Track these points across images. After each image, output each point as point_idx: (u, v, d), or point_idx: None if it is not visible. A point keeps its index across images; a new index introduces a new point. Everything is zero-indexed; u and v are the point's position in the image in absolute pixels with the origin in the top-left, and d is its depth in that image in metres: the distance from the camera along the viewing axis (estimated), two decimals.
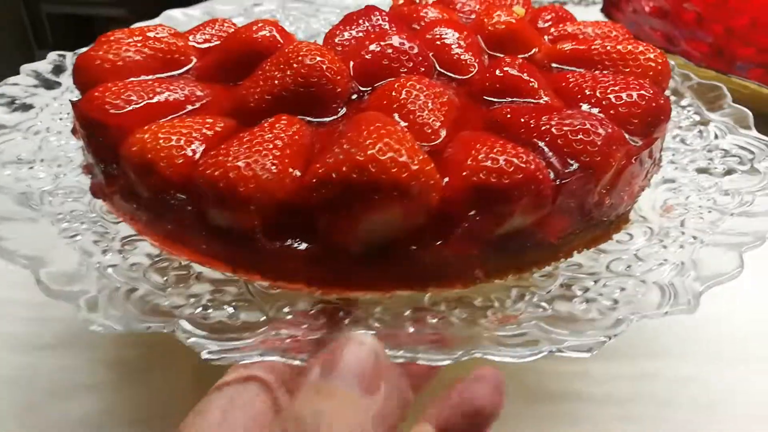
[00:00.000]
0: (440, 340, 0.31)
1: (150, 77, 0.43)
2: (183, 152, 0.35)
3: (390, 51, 0.42)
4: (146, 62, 0.44)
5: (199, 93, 0.41)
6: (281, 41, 0.44)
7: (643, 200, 0.43)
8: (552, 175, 0.34)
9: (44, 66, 0.54)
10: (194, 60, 0.46)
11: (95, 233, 0.38)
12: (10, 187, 0.41)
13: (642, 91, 0.40)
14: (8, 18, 2.01)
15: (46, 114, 0.49)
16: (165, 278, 0.35)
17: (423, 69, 0.42)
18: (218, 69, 0.44)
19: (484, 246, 0.34)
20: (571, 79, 0.42)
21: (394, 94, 0.38)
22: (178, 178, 0.34)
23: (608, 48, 0.45)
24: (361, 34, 0.47)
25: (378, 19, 0.48)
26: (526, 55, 0.48)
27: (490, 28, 0.48)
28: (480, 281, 0.35)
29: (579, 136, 0.35)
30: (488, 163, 0.33)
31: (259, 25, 0.45)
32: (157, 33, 0.47)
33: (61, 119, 0.49)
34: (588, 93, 0.41)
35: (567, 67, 0.46)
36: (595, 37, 0.50)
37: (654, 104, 0.39)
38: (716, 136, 0.50)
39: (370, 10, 0.49)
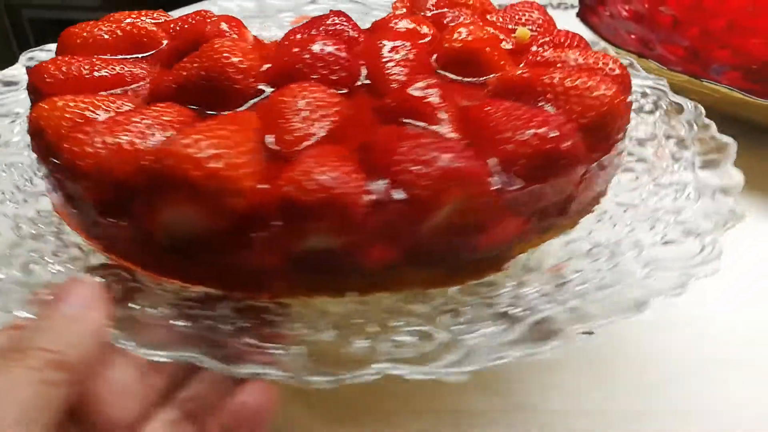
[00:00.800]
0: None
1: (114, 57, 0.48)
2: (71, 124, 0.38)
3: (307, 56, 0.42)
4: (114, 42, 0.48)
5: (140, 75, 0.45)
6: (228, 34, 0.46)
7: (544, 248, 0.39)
8: (371, 201, 0.32)
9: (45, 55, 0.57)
10: (164, 45, 0.50)
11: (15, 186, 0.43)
12: None
13: (542, 130, 0.36)
14: None
15: None
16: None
17: (337, 77, 0.42)
18: (170, 55, 0.47)
19: (286, 259, 0.33)
20: (486, 109, 0.39)
21: (279, 97, 0.38)
22: (55, 149, 0.37)
23: (555, 80, 0.41)
24: (306, 36, 0.47)
25: (338, 23, 0.48)
26: (481, 79, 0.45)
27: (446, 45, 0.46)
28: (285, 295, 0.34)
29: (415, 167, 0.32)
30: (301, 178, 0.32)
31: (214, 19, 0.47)
32: (143, 18, 0.52)
33: None
34: (491, 125, 0.37)
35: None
36: (560, 67, 0.45)
37: (548, 147, 0.35)
38: (687, 198, 0.43)
39: (336, 14, 0.49)
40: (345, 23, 0.49)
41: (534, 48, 0.50)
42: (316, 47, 0.42)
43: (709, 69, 0.76)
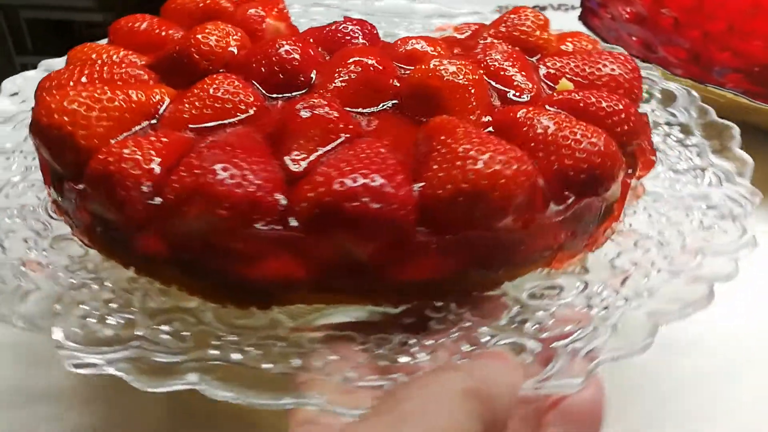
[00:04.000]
0: None
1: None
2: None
3: (260, 53, 0.44)
4: (194, 10, 0.55)
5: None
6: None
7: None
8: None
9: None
10: None
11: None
12: None
13: (359, 182, 0.31)
14: None
15: None
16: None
17: (275, 78, 0.43)
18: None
19: (90, 218, 0.37)
20: (348, 146, 0.36)
21: (200, 82, 0.41)
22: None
23: (447, 141, 0.35)
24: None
25: (344, 30, 0.48)
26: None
27: (412, 74, 0.42)
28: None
29: (182, 173, 0.33)
30: (104, 151, 0.35)
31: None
32: None
33: None
34: (324, 166, 0.34)
35: None
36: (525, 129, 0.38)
37: (328, 199, 0.31)
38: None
39: (353, 21, 0.49)
40: (354, 31, 0.48)
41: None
42: (272, 46, 0.44)
43: (711, 71, 0.76)
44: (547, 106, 0.42)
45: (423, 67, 0.41)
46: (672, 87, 0.56)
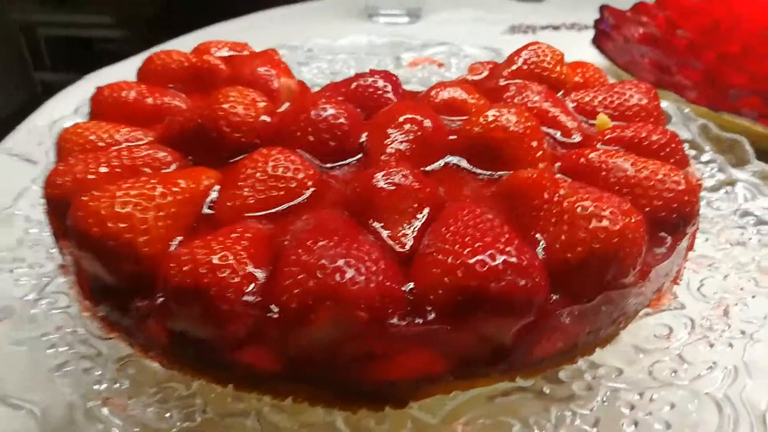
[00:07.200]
0: None
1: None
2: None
3: (302, 119, 0.40)
4: (180, 72, 0.51)
5: (175, 108, 0.47)
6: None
7: None
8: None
9: None
10: None
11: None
12: None
13: (477, 260, 0.29)
14: (5, 42, 1.88)
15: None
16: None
17: (327, 146, 0.40)
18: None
19: (168, 334, 0.32)
20: (448, 221, 0.33)
21: (246, 159, 0.37)
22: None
23: (550, 196, 0.34)
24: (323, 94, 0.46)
25: (373, 85, 0.46)
26: (497, 173, 0.39)
27: (467, 128, 0.40)
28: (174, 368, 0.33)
29: (299, 275, 0.29)
30: (185, 258, 0.30)
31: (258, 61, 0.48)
32: (219, 51, 0.54)
33: None
34: (437, 243, 0.32)
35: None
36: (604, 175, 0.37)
37: (473, 284, 0.29)
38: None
39: (379, 74, 0.47)
40: (383, 85, 0.46)
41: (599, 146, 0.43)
42: (313, 110, 0.40)
43: (726, 94, 0.73)
44: (599, 145, 0.42)
45: (480, 119, 0.40)
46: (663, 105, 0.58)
